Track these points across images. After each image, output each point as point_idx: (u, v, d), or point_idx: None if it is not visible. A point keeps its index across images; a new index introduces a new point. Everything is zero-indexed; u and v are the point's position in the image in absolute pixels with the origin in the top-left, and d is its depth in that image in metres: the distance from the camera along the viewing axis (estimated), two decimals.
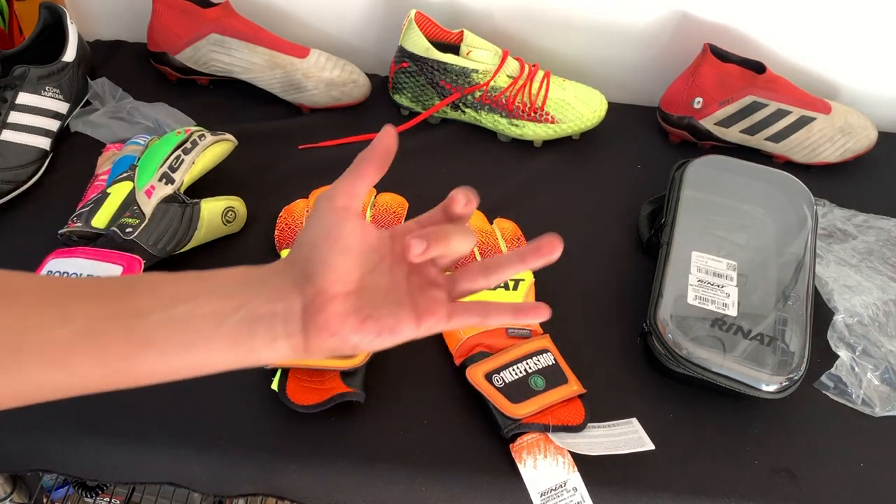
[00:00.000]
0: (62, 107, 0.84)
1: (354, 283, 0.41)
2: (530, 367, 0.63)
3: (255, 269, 0.42)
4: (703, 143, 0.93)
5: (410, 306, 0.42)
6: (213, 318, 0.39)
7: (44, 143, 0.81)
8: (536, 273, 0.73)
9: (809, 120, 0.89)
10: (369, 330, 0.41)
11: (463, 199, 0.45)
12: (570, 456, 0.59)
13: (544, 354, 0.65)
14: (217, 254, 0.74)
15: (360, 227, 0.43)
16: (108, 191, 0.70)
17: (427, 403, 0.64)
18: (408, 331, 0.42)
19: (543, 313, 0.43)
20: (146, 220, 0.68)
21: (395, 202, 0.78)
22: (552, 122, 0.89)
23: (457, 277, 0.45)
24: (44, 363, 0.37)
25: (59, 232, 0.69)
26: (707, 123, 0.90)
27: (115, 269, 0.65)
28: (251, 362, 0.40)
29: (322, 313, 0.40)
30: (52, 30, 0.86)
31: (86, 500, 1.05)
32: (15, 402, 0.38)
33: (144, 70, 0.94)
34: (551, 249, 0.43)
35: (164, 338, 0.38)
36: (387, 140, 0.44)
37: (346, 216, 0.42)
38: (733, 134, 0.91)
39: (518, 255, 0.44)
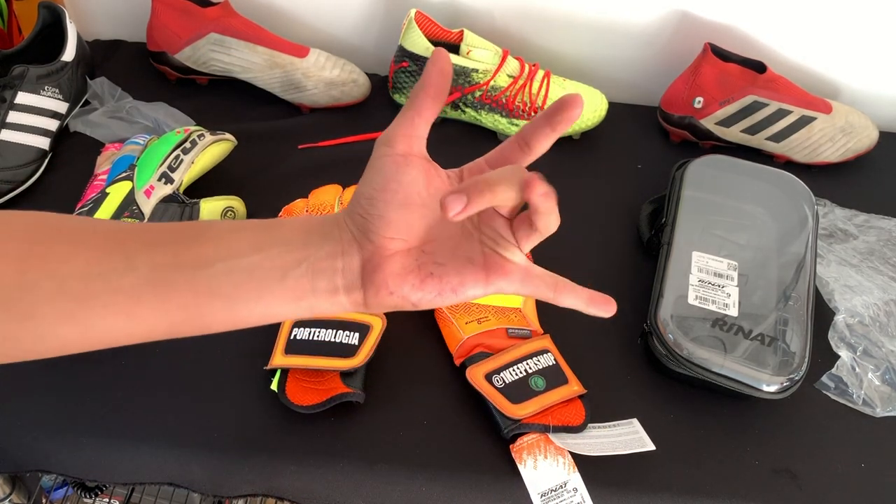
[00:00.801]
0: (61, 106, 0.83)
1: (418, 238, 0.39)
2: (530, 368, 0.63)
3: (319, 220, 0.40)
4: (704, 143, 0.93)
5: (481, 263, 0.40)
6: (278, 271, 0.38)
7: (43, 142, 0.81)
8: None
9: (810, 120, 0.89)
10: (430, 289, 0.39)
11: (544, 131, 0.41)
12: (570, 456, 0.59)
13: (544, 355, 0.65)
14: None
15: (423, 175, 0.40)
16: (108, 190, 0.70)
17: (427, 403, 0.64)
18: (475, 290, 0.39)
19: (612, 308, 0.42)
20: (145, 220, 0.68)
21: None
22: None
23: (517, 224, 0.42)
24: (109, 312, 0.37)
25: None
26: (707, 123, 0.90)
27: None
28: (313, 314, 0.40)
29: (379, 272, 0.38)
30: (52, 29, 0.86)
31: (85, 500, 1.05)
32: (82, 347, 0.38)
33: (144, 70, 0.94)
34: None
35: (228, 289, 0.37)
36: (441, 63, 0.40)
37: (407, 163, 0.39)
38: (734, 134, 0.91)
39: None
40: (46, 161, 0.81)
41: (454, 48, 0.89)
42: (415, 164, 0.40)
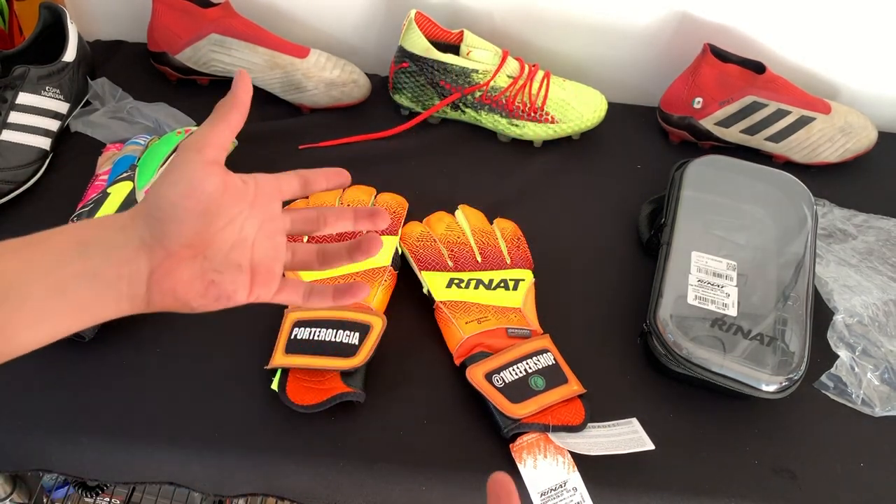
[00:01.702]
0: (62, 107, 0.84)
1: (206, 244, 0.40)
2: (530, 367, 0.63)
3: (95, 227, 0.40)
4: (703, 143, 0.93)
5: (248, 272, 0.42)
6: (55, 291, 0.37)
7: (44, 143, 0.81)
8: (536, 273, 0.73)
9: (809, 120, 0.89)
10: (211, 296, 0.41)
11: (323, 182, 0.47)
12: (569, 456, 0.59)
13: (544, 354, 0.65)
14: None
15: (223, 183, 0.41)
16: (109, 191, 0.70)
17: (427, 403, 0.64)
18: (241, 298, 0.42)
19: (362, 291, 0.46)
20: None
21: (395, 202, 0.78)
22: (552, 122, 0.89)
23: (297, 250, 0.47)
24: None
25: None
26: (707, 123, 0.91)
27: None
28: (94, 323, 0.39)
29: (168, 279, 0.39)
30: (52, 30, 0.86)
31: (86, 500, 1.05)
32: None
33: (144, 70, 0.94)
34: (370, 247, 0.46)
35: (4, 320, 0.36)
36: (246, 81, 0.43)
37: (213, 171, 0.40)
38: (733, 134, 0.91)
39: (347, 250, 0.47)
40: (47, 161, 0.81)
41: (454, 48, 0.89)
42: (218, 173, 0.41)
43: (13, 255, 0.37)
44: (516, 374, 0.63)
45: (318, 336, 0.63)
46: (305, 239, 0.67)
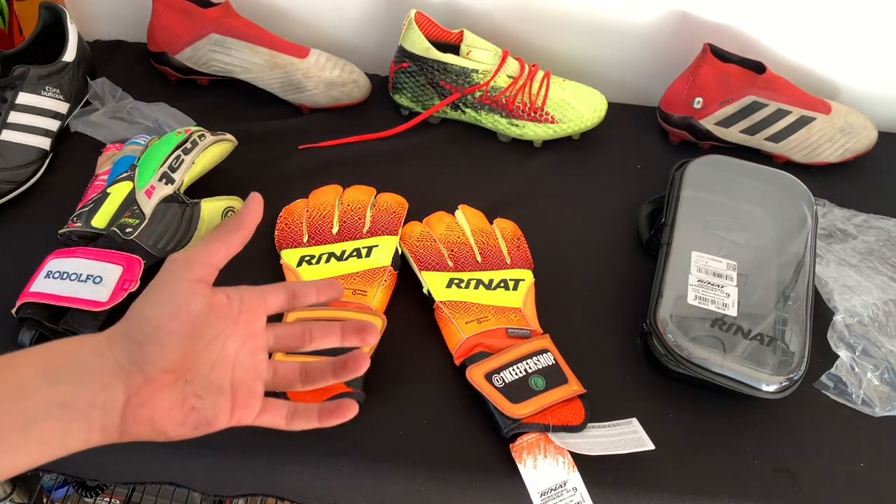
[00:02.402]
0: (62, 107, 0.84)
1: (188, 367, 0.38)
2: (530, 367, 0.63)
3: (66, 351, 0.36)
4: (703, 143, 0.93)
5: (230, 394, 0.39)
6: (19, 425, 0.33)
7: (44, 143, 0.81)
8: (536, 273, 0.73)
9: (809, 120, 0.89)
10: (190, 423, 0.38)
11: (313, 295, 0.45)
12: (570, 456, 0.59)
13: (544, 354, 0.65)
14: None
15: (209, 303, 0.38)
16: (108, 191, 0.70)
17: (427, 403, 0.64)
18: (221, 423, 0.39)
19: (350, 411, 0.44)
20: (146, 221, 0.68)
21: (395, 202, 0.78)
22: (552, 122, 0.89)
23: (279, 368, 0.44)
24: None
25: (59, 232, 0.69)
26: (707, 123, 0.91)
27: (114, 270, 0.65)
28: (59, 456, 0.35)
29: (146, 408, 0.36)
30: (52, 30, 0.86)
31: (86, 500, 1.05)
32: None
33: (144, 70, 0.94)
34: (357, 366, 0.44)
35: None
36: (257, 208, 0.42)
37: (200, 290, 0.38)
38: (733, 134, 0.91)
39: (332, 368, 0.45)
40: (47, 161, 0.81)
41: (454, 48, 0.89)
42: (205, 293, 0.38)
43: None
44: (516, 374, 0.63)
45: None
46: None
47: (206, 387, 0.38)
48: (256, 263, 0.74)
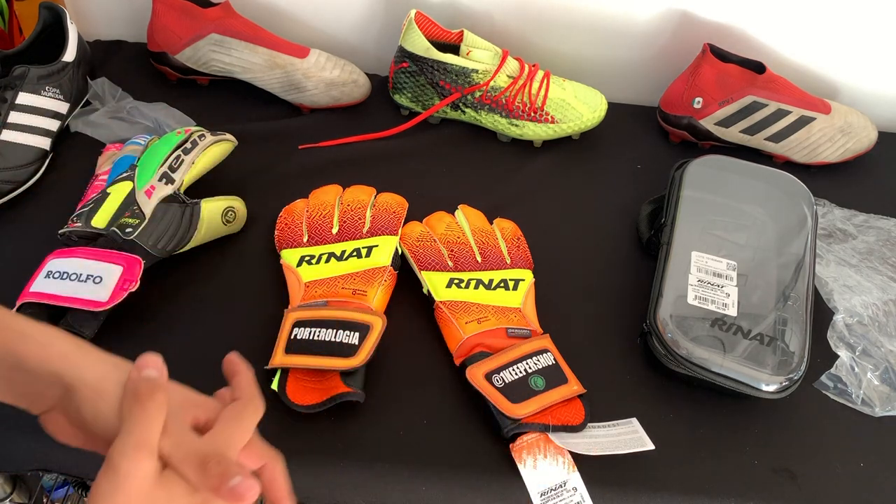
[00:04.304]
0: (62, 107, 0.83)
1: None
2: (530, 367, 0.63)
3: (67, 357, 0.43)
4: (703, 143, 0.93)
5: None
6: None
7: (44, 143, 0.81)
8: (536, 273, 0.73)
9: (809, 120, 0.89)
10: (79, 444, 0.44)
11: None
12: (570, 456, 0.59)
13: (544, 354, 0.65)
14: (217, 254, 0.74)
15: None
16: (108, 191, 0.70)
17: (427, 403, 0.64)
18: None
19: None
20: (146, 220, 0.68)
21: (395, 202, 0.78)
22: (552, 122, 0.89)
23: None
24: None
25: (59, 232, 0.69)
26: (707, 123, 0.91)
27: (114, 269, 0.65)
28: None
29: (53, 423, 0.43)
30: (52, 30, 0.86)
31: (86, 500, 1.05)
32: None
33: (144, 70, 0.94)
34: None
35: None
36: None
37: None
38: (733, 134, 0.91)
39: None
40: (47, 161, 0.81)
41: (454, 48, 0.89)
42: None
43: None
44: (516, 374, 0.63)
45: (318, 336, 0.63)
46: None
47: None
48: (257, 263, 0.74)
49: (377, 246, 0.72)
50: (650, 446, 0.59)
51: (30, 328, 0.43)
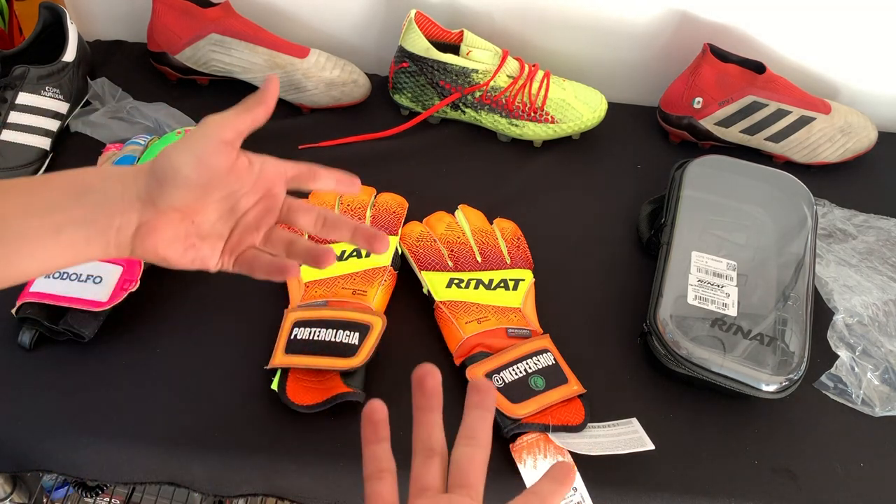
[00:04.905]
0: (62, 107, 0.84)
1: (196, 212, 0.43)
2: (530, 367, 0.63)
3: (97, 176, 0.43)
4: (703, 143, 0.93)
5: (227, 242, 0.45)
6: (51, 229, 0.40)
7: (44, 143, 0.81)
8: (536, 274, 0.73)
9: (809, 120, 0.89)
10: (188, 257, 0.44)
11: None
12: (570, 456, 0.59)
13: (544, 354, 0.65)
14: None
15: (231, 164, 0.44)
16: None
17: None
18: (213, 266, 0.46)
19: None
20: None
21: (395, 202, 0.78)
22: (552, 122, 0.89)
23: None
24: None
25: None
26: (707, 123, 0.91)
27: (114, 270, 0.65)
28: (84, 261, 0.43)
29: (152, 237, 0.42)
30: (52, 30, 0.86)
31: (86, 500, 1.05)
32: None
33: (144, 70, 0.94)
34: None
35: (4, 250, 0.40)
36: (273, 89, 0.48)
37: (225, 150, 0.43)
38: (733, 134, 0.91)
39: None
40: (47, 161, 0.81)
41: (454, 48, 0.89)
42: (228, 154, 0.44)
43: (15, 196, 0.41)
44: (516, 374, 0.63)
45: (318, 336, 0.63)
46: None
47: (208, 231, 0.44)
48: None
49: None
50: (650, 446, 0.59)
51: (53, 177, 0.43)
